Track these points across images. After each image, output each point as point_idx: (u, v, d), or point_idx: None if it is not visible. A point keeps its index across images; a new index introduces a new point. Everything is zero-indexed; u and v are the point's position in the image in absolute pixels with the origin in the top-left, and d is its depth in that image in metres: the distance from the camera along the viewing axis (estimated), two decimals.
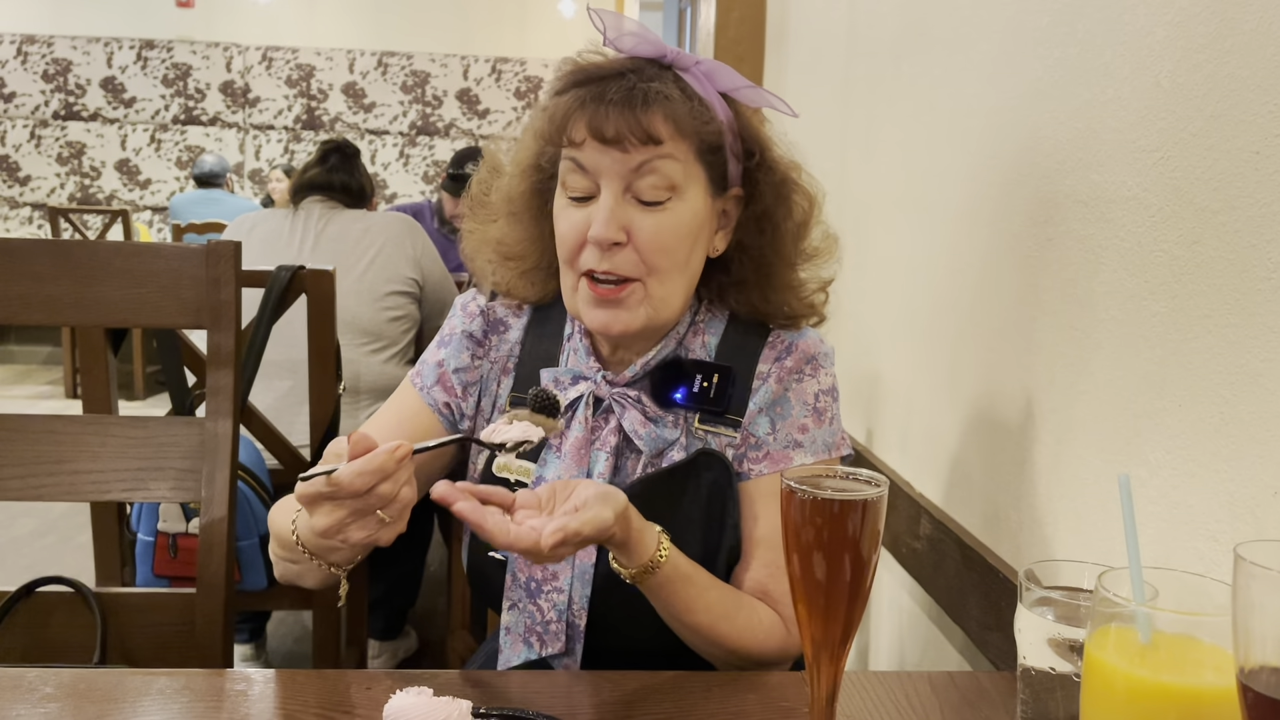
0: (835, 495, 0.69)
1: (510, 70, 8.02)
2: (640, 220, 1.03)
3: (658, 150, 1.01)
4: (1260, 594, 0.55)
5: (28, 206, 7.78)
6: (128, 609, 1.38)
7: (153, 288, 1.37)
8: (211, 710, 0.91)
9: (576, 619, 1.07)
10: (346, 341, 2.46)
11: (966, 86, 1.35)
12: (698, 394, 1.09)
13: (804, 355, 1.12)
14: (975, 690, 0.99)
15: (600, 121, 1.00)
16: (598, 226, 1.01)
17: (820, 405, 1.12)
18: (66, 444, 1.35)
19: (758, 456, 1.11)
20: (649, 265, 1.03)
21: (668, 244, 1.03)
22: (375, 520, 0.87)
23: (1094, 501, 1.02)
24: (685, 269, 1.07)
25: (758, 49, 2.63)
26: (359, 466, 0.84)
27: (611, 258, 1.02)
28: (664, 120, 1.01)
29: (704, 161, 1.05)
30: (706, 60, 1.07)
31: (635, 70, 1.03)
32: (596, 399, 1.11)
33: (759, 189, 1.11)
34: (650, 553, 0.96)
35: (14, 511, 3.99)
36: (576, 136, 1.01)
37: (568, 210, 1.05)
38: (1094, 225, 1.02)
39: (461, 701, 0.81)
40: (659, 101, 1.01)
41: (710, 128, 1.04)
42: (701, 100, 1.05)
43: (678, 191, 1.03)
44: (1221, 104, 0.84)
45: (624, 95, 1.00)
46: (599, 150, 1.01)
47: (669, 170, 1.02)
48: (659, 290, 1.05)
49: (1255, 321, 0.79)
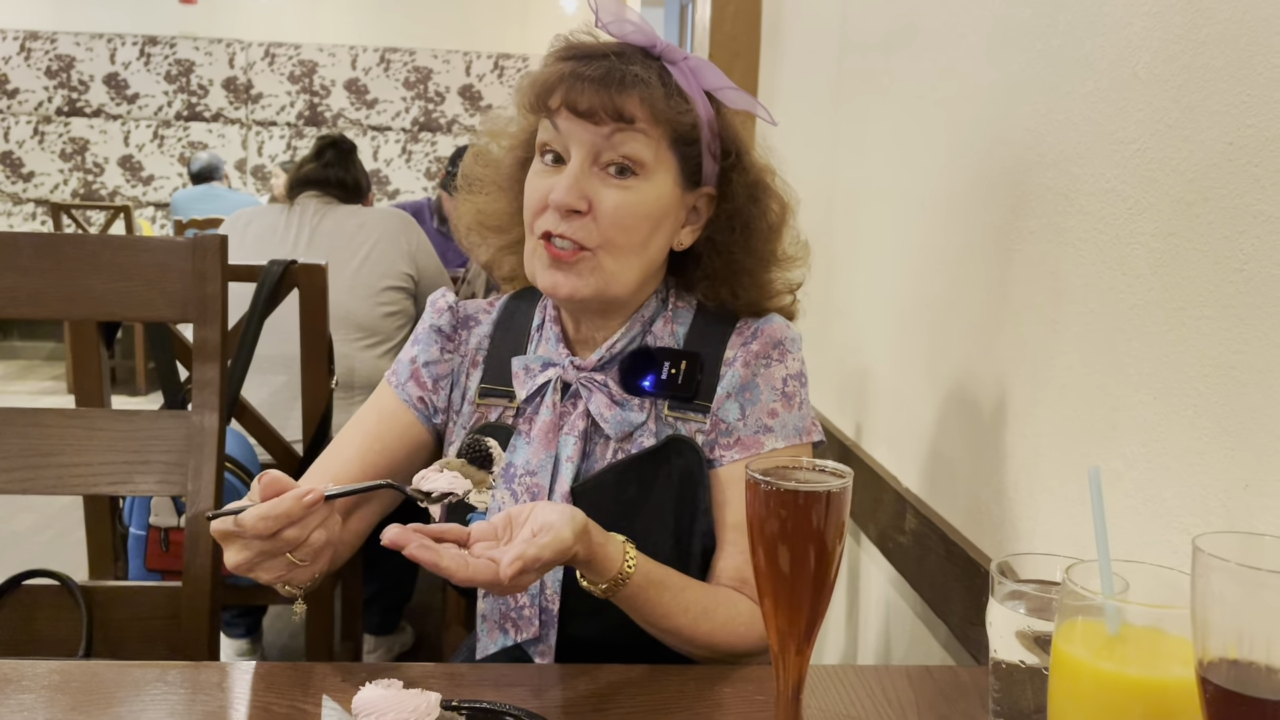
0: (799, 486, 0.69)
1: (513, 66, 8.01)
2: (603, 192, 1.04)
3: (630, 126, 1.03)
4: (1219, 585, 0.55)
5: (31, 203, 7.80)
6: (114, 602, 1.38)
7: (139, 281, 1.37)
8: (185, 702, 0.91)
9: (550, 604, 1.07)
10: (341, 336, 2.47)
11: (953, 80, 1.35)
12: (666, 381, 1.10)
13: (770, 340, 1.12)
14: (952, 684, 0.99)
15: (575, 94, 1.02)
16: (559, 192, 1.03)
17: (789, 390, 1.11)
18: (54, 437, 1.36)
19: (728, 443, 1.10)
20: (604, 238, 1.04)
21: (626, 220, 1.04)
22: (284, 562, 0.89)
23: (1072, 495, 1.01)
24: (642, 250, 1.07)
25: (753, 44, 2.63)
26: (263, 510, 0.85)
27: (570, 223, 1.04)
28: (639, 103, 1.03)
29: (676, 151, 1.07)
30: (694, 56, 1.08)
31: (620, 54, 1.05)
32: (565, 384, 1.11)
33: (732, 188, 1.12)
34: (617, 565, 0.95)
35: (13, 506, 4.00)
36: (553, 104, 1.04)
37: (536, 174, 1.08)
38: (1073, 218, 1.02)
39: (430, 694, 0.81)
40: (636, 85, 1.03)
41: (685, 119, 1.05)
42: (682, 93, 1.06)
43: (645, 170, 1.05)
44: (1196, 95, 0.83)
45: (602, 73, 1.02)
46: (571, 120, 1.03)
47: (637, 146, 1.04)
48: (610, 264, 1.06)
49: (1228, 314, 0.79)
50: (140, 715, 0.88)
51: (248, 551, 0.87)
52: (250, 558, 0.88)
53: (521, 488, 1.08)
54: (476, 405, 1.15)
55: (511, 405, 1.14)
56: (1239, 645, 0.54)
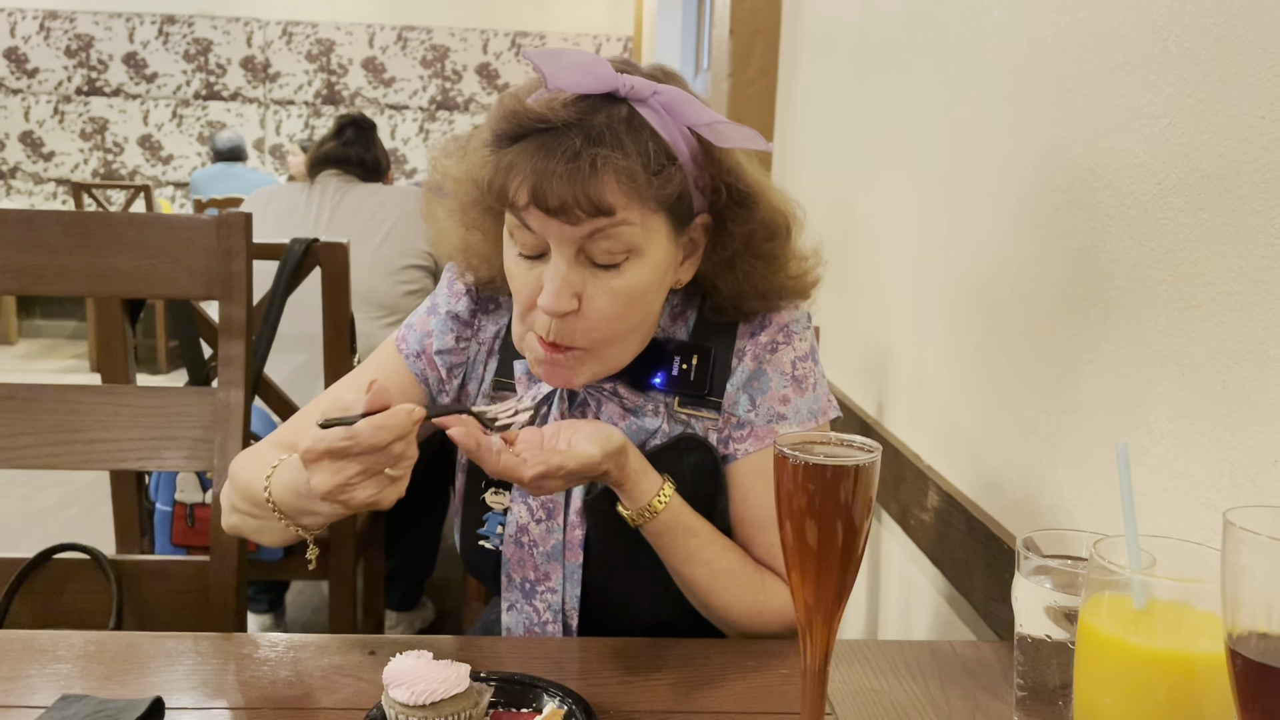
0: (827, 461, 0.69)
1: (530, 44, 7.99)
2: (594, 286, 0.95)
3: (609, 220, 0.92)
4: (1249, 559, 0.55)
5: (52, 182, 7.84)
6: (143, 576, 1.40)
7: (164, 259, 1.38)
8: (217, 672, 0.93)
9: (570, 620, 1.08)
10: (362, 314, 2.48)
11: (977, 54, 1.34)
12: (677, 377, 1.06)
13: (777, 327, 1.08)
14: (976, 659, 1.00)
15: (544, 191, 0.90)
16: (547, 297, 0.94)
17: (799, 373, 1.08)
18: (82, 413, 1.37)
19: (742, 435, 1.07)
20: (599, 336, 0.97)
21: (621, 312, 0.97)
22: (383, 479, 0.83)
23: (1096, 471, 1.01)
24: (642, 324, 1.01)
25: (774, 20, 2.61)
26: (379, 421, 0.81)
27: (561, 327, 0.96)
28: (615, 187, 0.91)
29: (665, 211, 0.96)
30: (666, 90, 0.95)
31: (581, 120, 0.91)
32: (570, 394, 1.07)
33: (728, 227, 1.03)
34: (648, 499, 0.98)
35: (41, 483, 4.05)
36: (519, 200, 0.92)
37: (518, 265, 0.98)
38: (1102, 193, 1.01)
39: (460, 665, 0.82)
40: (608, 168, 0.91)
41: (670, 184, 0.94)
42: (660, 142, 0.94)
43: (636, 253, 0.95)
44: (1228, 68, 0.82)
45: (568, 163, 0.90)
46: (544, 218, 0.92)
47: (625, 235, 0.94)
48: (609, 351, 1.00)
49: (1258, 288, 0.78)
50: (175, 685, 0.90)
51: (346, 471, 0.82)
52: (348, 477, 0.82)
53: (536, 502, 1.07)
54: (491, 398, 1.12)
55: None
56: (1269, 619, 0.54)
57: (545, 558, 1.07)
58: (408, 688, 0.79)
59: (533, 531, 1.07)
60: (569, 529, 1.06)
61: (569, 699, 0.85)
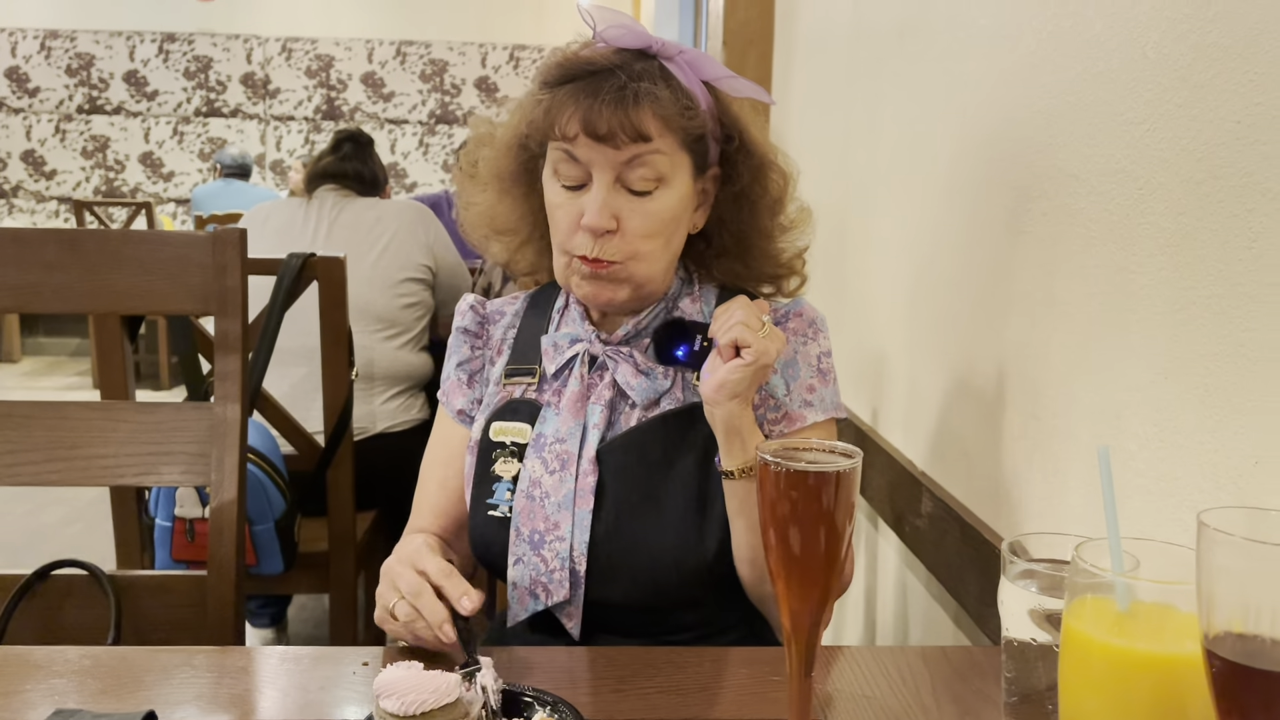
0: (809, 467, 0.70)
1: (528, 58, 8.01)
2: (629, 208, 1.09)
3: (647, 146, 1.07)
4: (1223, 559, 0.55)
5: (54, 200, 7.87)
6: (141, 591, 1.41)
7: (160, 275, 1.39)
8: (211, 685, 0.93)
9: (578, 565, 1.10)
10: (360, 328, 2.49)
11: (965, 63, 1.35)
12: (699, 352, 1.14)
13: (806, 319, 1.18)
14: (967, 663, 1.00)
15: (594, 119, 1.05)
16: (590, 215, 1.08)
17: (824, 367, 1.17)
18: (79, 430, 1.38)
19: (776, 417, 1.15)
20: (634, 251, 1.10)
21: (654, 230, 1.10)
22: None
23: (1087, 474, 1.02)
24: (668, 249, 1.14)
25: (766, 30, 2.62)
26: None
27: (602, 245, 1.09)
28: (653, 117, 1.06)
29: (688, 149, 1.11)
30: (689, 50, 1.12)
31: (623, 65, 1.08)
32: (591, 357, 1.17)
33: (737, 169, 1.16)
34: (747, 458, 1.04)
35: (43, 500, 4.06)
36: (570, 131, 1.06)
37: (560, 196, 1.12)
38: (1085, 199, 1.02)
39: (450, 675, 0.82)
40: (648, 100, 1.06)
41: (695, 122, 1.10)
42: (685, 90, 1.10)
43: (665, 181, 1.10)
44: (1205, 74, 0.83)
45: (616, 94, 1.05)
46: (591, 145, 1.07)
47: (657, 163, 1.08)
48: (642, 270, 1.12)
49: (1238, 291, 0.79)
50: (169, 699, 0.90)
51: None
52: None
53: (551, 455, 1.13)
54: (503, 385, 1.20)
55: (533, 381, 1.18)
56: (1245, 619, 0.55)
57: (556, 507, 1.11)
58: (398, 698, 0.79)
59: (545, 484, 1.12)
60: (581, 477, 1.11)
61: (561, 707, 0.86)
